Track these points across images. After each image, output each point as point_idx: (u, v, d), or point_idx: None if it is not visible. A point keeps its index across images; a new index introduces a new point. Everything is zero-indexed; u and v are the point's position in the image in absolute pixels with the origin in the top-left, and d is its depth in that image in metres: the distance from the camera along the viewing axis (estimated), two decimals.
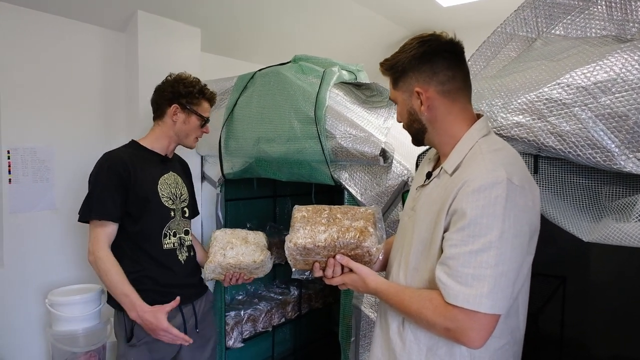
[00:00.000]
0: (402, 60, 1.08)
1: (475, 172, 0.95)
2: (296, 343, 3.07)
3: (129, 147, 1.73)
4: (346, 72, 2.08)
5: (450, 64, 1.05)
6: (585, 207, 1.23)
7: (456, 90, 1.06)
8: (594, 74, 1.15)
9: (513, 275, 0.92)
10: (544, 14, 1.45)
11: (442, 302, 0.95)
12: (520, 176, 0.95)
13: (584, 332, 2.59)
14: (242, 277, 1.70)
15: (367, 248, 1.15)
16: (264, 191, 2.93)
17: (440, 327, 0.96)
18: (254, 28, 2.96)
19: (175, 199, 1.72)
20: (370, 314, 1.75)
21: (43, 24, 2.21)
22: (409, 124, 1.14)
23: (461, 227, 0.92)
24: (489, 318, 0.91)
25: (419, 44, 1.06)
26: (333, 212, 1.22)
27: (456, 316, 0.92)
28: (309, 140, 1.82)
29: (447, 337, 0.97)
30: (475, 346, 0.93)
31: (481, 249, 0.90)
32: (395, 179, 1.72)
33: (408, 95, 1.09)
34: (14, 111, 2.14)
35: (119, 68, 2.49)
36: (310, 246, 1.16)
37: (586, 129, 1.14)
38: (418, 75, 1.06)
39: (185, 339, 1.53)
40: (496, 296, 0.89)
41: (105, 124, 2.48)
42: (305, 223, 1.20)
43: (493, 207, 0.90)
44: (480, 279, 0.90)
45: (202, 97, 1.75)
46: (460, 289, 0.91)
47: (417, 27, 3.64)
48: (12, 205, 2.15)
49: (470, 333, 0.92)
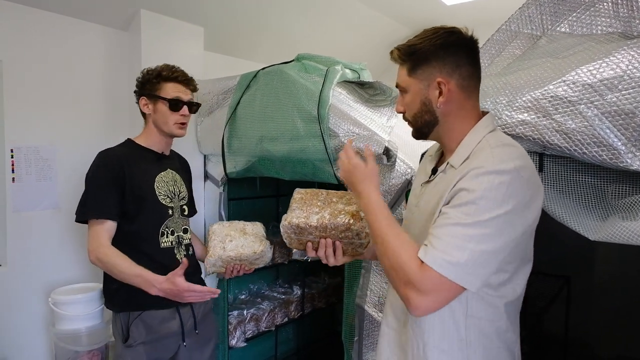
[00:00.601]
0: (426, 47, 1.03)
1: (482, 162, 0.95)
2: (299, 343, 3.07)
3: (124, 146, 1.72)
4: (349, 70, 2.07)
5: (472, 60, 1.04)
6: (592, 205, 1.22)
7: (473, 87, 1.06)
8: (600, 71, 1.14)
9: (493, 260, 0.92)
10: (549, 11, 1.44)
11: (418, 257, 0.93)
12: (528, 172, 0.95)
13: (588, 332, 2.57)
14: (243, 268, 1.68)
15: (357, 231, 1.19)
16: (267, 190, 2.92)
17: (404, 275, 0.93)
18: (257, 27, 2.96)
19: (173, 197, 1.71)
20: (373, 313, 1.74)
21: (46, 22, 2.21)
22: (418, 115, 1.09)
23: (458, 205, 0.93)
24: (453, 287, 0.90)
25: (447, 33, 1.03)
26: (330, 195, 1.28)
27: (426, 274, 0.90)
28: (312, 139, 1.82)
29: (400, 290, 0.95)
30: (420, 307, 0.92)
31: (471, 224, 0.90)
32: (399, 178, 1.71)
33: (426, 85, 1.05)
34: (17, 110, 2.14)
35: (122, 67, 2.49)
36: (303, 225, 1.22)
37: (592, 126, 1.13)
38: (442, 66, 1.02)
39: (212, 292, 1.50)
40: (471, 270, 0.90)
41: (108, 123, 2.48)
42: (302, 204, 1.27)
43: (495, 191, 0.90)
44: (460, 249, 0.89)
45: (161, 80, 1.68)
46: (437, 254, 0.91)
47: (420, 26, 3.61)
48: (15, 204, 2.15)
49: (426, 295, 0.90)
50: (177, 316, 1.67)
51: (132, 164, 1.62)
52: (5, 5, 2.07)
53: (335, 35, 3.38)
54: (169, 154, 1.80)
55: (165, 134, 1.71)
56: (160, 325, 1.63)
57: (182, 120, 1.70)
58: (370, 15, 3.30)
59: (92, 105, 2.41)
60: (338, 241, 1.22)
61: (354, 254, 1.27)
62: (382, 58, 4.24)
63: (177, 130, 1.70)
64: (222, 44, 2.93)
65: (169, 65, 1.71)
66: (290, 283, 2.97)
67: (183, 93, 1.69)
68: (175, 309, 1.65)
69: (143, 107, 1.71)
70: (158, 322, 1.62)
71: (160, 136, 1.72)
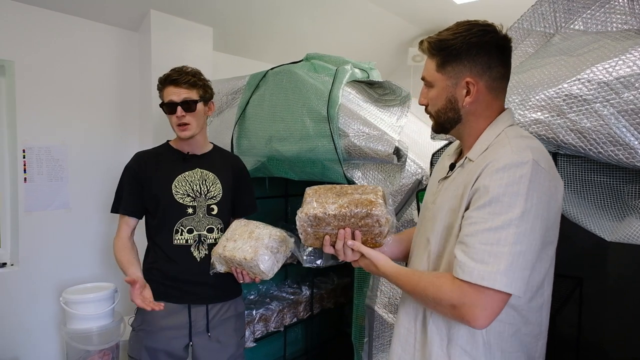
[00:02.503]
0: (458, 44, 0.98)
1: (500, 153, 0.92)
2: (308, 343, 3.06)
3: (159, 147, 1.80)
4: (359, 70, 2.06)
5: (504, 61, 1.00)
6: (607, 206, 1.20)
7: (502, 89, 1.02)
8: (616, 69, 1.12)
9: (531, 256, 0.89)
10: (562, 9, 1.42)
11: (450, 279, 0.93)
12: (546, 162, 0.93)
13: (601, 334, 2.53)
14: (245, 275, 1.58)
15: (377, 217, 1.14)
16: (276, 190, 2.92)
17: (446, 303, 0.93)
18: (266, 27, 2.96)
19: (197, 196, 1.70)
20: (384, 314, 1.72)
21: (58, 24, 2.23)
22: (442, 111, 1.05)
23: (482, 205, 0.90)
24: (500, 297, 0.88)
25: (482, 32, 0.98)
26: (344, 188, 1.25)
27: (464, 292, 0.90)
28: (322, 139, 1.81)
29: (452, 316, 0.95)
30: (479, 325, 0.90)
31: (500, 226, 0.87)
32: (409, 178, 1.70)
33: (453, 83, 1.01)
34: (29, 110, 2.16)
35: (132, 67, 2.51)
36: (321, 215, 1.17)
37: (608, 125, 1.11)
38: (472, 65, 0.98)
39: (144, 304, 1.48)
40: (513, 275, 0.87)
41: (119, 123, 2.49)
42: (317, 197, 1.22)
43: (517, 185, 0.87)
44: (497, 256, 0.87)
45: (162, 86, 1.68)
46: (475, 266, 0.88)
47: (430, 25, 3.60)
48: (27, 204, 2.18)
49: (476, 310, 0.89)
50: (187, 313, 1.67)
51: (155, 164, 1.71)
52: (17, 7, 2.09)
53: (345, 34, 3.37)
54: (201, 153, 1.77)
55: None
56: (164, 318, 1.64)
57: (178, 121, 1.66)
58: (380, 14, 3.29)
59: (102, 106, 2.43)
60: (358, 230, 1.17)
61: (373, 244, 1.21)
62: (391, 57, 4.22)
63: (179, 132, 1.69)
64: (231, 44, 2.94)
65: (172, 69, 1.69)
66: (299, 283, 2.97)
67: (175, 94, 1.65)
68: (187, 305, 1.66)
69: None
70: (163, 314, 1.61)
71: (179, 138, 1.74)
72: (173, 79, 1.66)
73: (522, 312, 0.99)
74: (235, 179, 1.81)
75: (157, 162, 1.71)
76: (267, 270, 1.53)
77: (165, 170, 1.70)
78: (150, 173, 1.69)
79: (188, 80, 1.66)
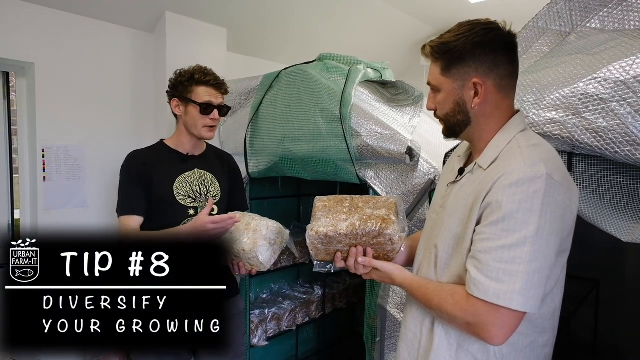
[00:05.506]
0: (461, 45, 0.96)
1: (513, 165, 0.90)
2: (320, 343, 3.07)
3: (152, 148, 1.77)
4: (371, 70, 2.06)
5: (510, 58, 0.98)
6: (624, 206, 1.18)
7: (511, 87, 1.00)
8: (634, 68, 1.10)
9: (546, 273, 0.88)
10: (578, 7, 1.40)
11: (465, 296, 0.92)
12: (560, 173, 0.91)
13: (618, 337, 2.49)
14: (242, 266, 1.56)
15: (390, 236, 1.12)
16: (289, 190, 2.93)
17: (461, 321, 0.93)
18: (279, 28, 2.97)
19: (198, 197, 1.72)
20: (396, 314, 1.72)
21: (76, 25, 2.27)
22: (451, 115, 1.03)
23: (495, 221, 0.89)
24: (516, 315, 0.88)
25: (485, 30, 0.96)
26: (354, 201, 1.20)
27: (479, 310, 0.89)
28: (335, 139, 1.82)
29: (468, 332, 0.95)
30: (495, 343, 0.90)
31: (515, 244, 0.86)
32: (422, 178, 1.69)
33: (460, 85, 0.99)
34: (48, 110, 2.21)
35: (147, 68, 2.54)
36: (332, 234, 1.14)
37: (625, 124, 1.10)
38: (478, 65, 0.96)
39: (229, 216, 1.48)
40: (528, 293, 0.86)
41: (135, 123, 2.53)
42: (327, 212, 1.18)
43: (531, 201, 0.86)
44: (512, 274, 0.86)
45: (194, 83, 1.68)
46: (490, 284, 0.88)
47: (443, 25, 3.58)
48: (46, 202, 2.22)
49: (492, 329, 0.88)
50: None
51: (155, 165, 1.68)
52: (37, 9, 2.14)
53: (357, 34, 3.37)
54: (199, 153, 1.79)
55: (193, 136, 1.74)
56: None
57: (212, 123, 1.71)
58: (393, 14, 3.28)
59: (119, 106, 2.47)
60: (369, 247, 1.15)
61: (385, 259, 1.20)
62: (404, 57, 4.20)
63: (206, 133, 1.72)
64: (244, 45, 2.96)
65: (202, 68, 1.71)
66: (311, 283, 2.98)
67: (214, 97, 1.70)
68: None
69: (175, 108, 1.73)
70: None
71: (189, 137, 1.74)
72: (216, 83, 1.71)
73: (537, 322, 0.98)
74: (230, 177, 1.84)
75: (156, 163, 1.69)
76: (266, 261, 1.53)
77: (166, 172, 1.69)
78: (150, 174, 1.66)
79: (226, 89, 1.76)
